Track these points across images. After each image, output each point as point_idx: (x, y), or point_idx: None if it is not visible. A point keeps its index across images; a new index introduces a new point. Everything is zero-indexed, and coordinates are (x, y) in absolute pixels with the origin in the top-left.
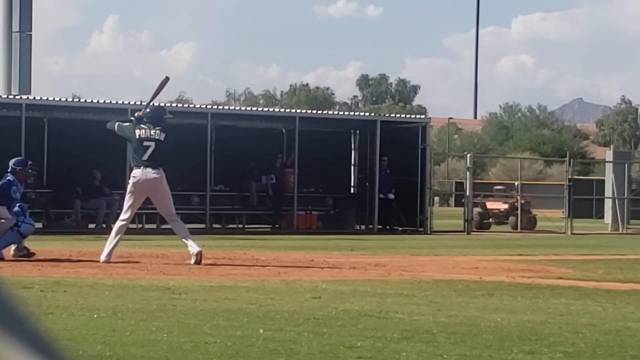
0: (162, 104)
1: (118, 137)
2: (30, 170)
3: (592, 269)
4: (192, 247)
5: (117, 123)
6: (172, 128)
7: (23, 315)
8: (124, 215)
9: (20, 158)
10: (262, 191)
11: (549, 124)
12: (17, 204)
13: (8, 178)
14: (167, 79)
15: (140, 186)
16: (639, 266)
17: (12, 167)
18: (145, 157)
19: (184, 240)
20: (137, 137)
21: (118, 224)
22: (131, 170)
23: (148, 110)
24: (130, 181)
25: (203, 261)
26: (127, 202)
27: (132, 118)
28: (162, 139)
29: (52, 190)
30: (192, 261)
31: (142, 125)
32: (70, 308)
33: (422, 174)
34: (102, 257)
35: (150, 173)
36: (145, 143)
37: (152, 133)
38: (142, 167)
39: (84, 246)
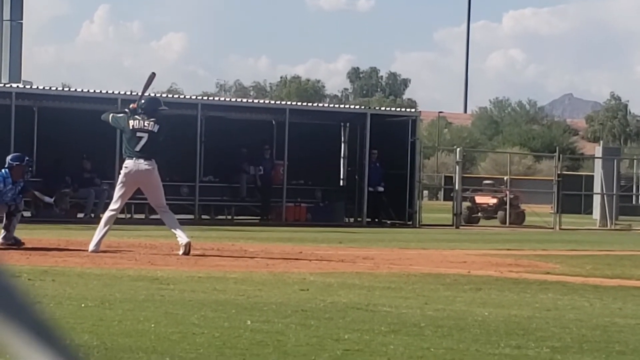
0: (156, 95)
1: (108, 127)
2: (26, 166)
3: (579, 265)
4: (181, 237)
5: (111, 114)
6: (166, 119)
7: (25, 302)
8: (114, 205)
9: (17, 154)
10: (251, 183)
11: (539, 119)
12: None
13: (1, 172)
14: (154, 74)
15: (132, 177)
16: (626, 262)
17: (8, 163)
18: (137, 147)
19: (173, 230)
20: (131, 127)
21: (107, 213)
22: (123, 160)
23: (143, 101)
24: (122, 171)
25: (192, 252)
26: (118, 192)
27: (127, 110)
28: (156, 131)
29: (41, 179)
30: (181, 252)
31: (137, 116)
32: (58, 297)
33: (412, 168)
34: (91, 247)
35: (142, 164)
36: (139, 134)
37: (145, 124)
38: (134, 158)
39: (72, 235)
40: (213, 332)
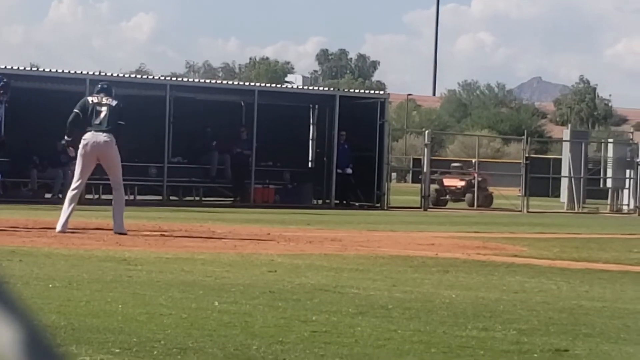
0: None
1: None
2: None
3: (547, 247)
4: (117, 228)
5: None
6: (128, 98)
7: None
8: (75, 183)
9: None
10: (222, 164)
11: (507, 102)
12: None
13: None
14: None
15: (90, 149)
16: (593, 245)
17: None
18: (97, 120)
19: (113, 216)
20: (90, 102)
21: (70, 193)
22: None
23: (99, 86)
24: (80, 144)
25: (159, 233)
26: (77, 167)
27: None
28: (114, 105)
29: (9, 159)
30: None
31: (95, 94)
32: (26, 277)
33: (380, 150)
34: (58, 227)
35: (101, 136)
36: (97, 108)
37: (104, 100)
38: (92, 131)
39: (40, 216)
40: (180, 313)
